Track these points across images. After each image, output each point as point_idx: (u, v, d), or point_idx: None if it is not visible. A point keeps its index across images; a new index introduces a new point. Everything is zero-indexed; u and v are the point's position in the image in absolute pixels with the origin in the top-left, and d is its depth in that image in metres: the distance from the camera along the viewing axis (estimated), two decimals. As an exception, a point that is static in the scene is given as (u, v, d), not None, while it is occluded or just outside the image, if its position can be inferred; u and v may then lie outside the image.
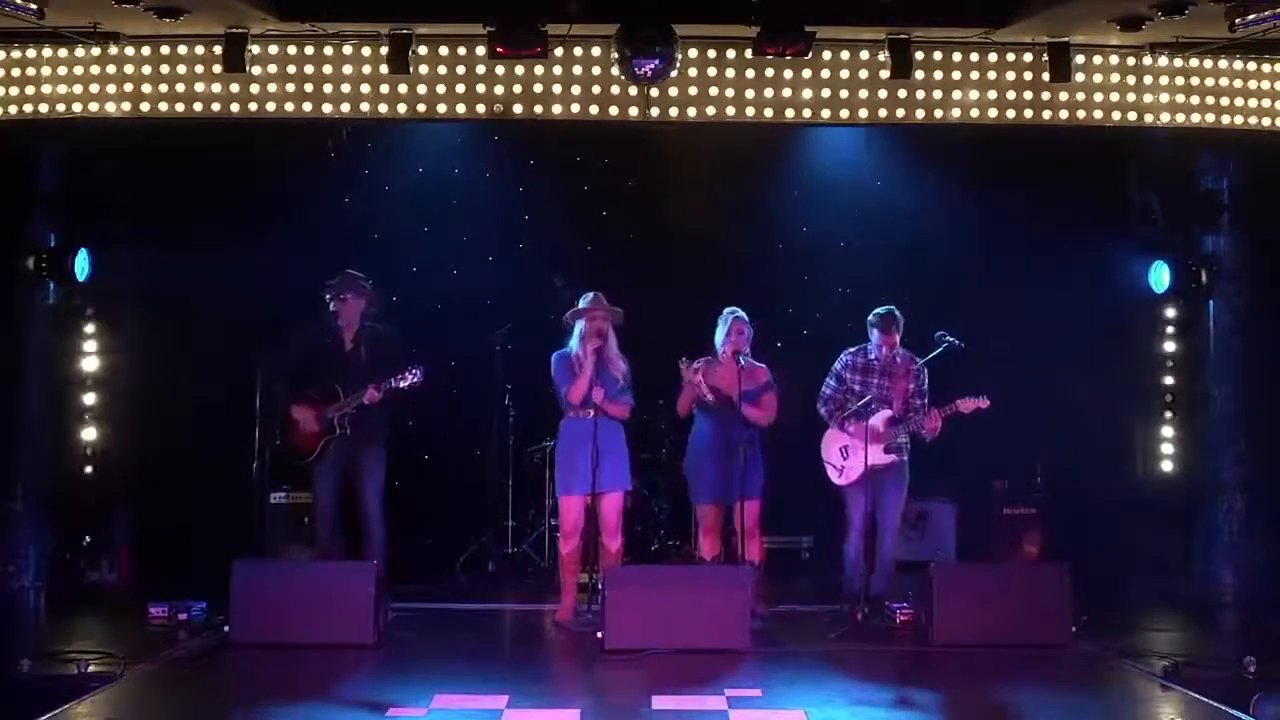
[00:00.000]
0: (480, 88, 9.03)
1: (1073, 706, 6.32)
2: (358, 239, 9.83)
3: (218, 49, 8.82)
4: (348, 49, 8.97)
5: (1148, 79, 9.13)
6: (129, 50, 8.98)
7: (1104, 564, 8.95)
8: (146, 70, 9.00)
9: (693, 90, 9.02)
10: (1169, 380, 10.10)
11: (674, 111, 9.05)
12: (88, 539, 9.65)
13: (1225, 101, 9.20)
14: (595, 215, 10.30)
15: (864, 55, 9.01)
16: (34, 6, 7.83)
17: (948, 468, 9.07)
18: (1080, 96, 9.10)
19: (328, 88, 9.01)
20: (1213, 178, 9.77)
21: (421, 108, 9.05)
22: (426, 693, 6.31)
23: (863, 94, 9.06)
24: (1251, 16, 7.70)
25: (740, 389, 8.05)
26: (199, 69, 8.97)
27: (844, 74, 9.03)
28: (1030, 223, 9.73)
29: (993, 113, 9.10)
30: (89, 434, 9.78)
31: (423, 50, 8.89)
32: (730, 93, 9.02)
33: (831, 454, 8.28)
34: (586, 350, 7.94)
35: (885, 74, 8.94)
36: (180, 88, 9.01)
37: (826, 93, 9.05)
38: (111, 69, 9.02)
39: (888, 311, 8.15)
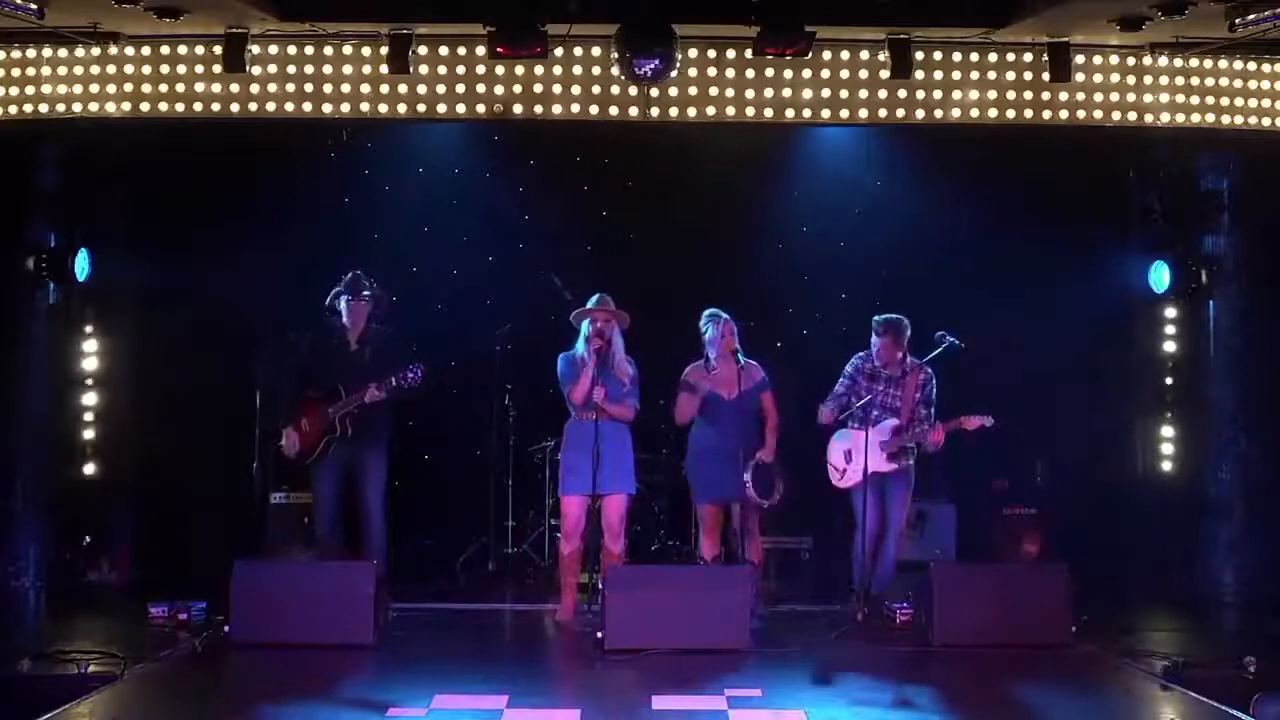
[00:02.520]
0: (480, 88, 9.04)
1: (1073, 706, 6.32)
2: (358, 239, 9.83)
3: (218, 49, 8.83)
4: (348, 49, 8.98)
5: (1148, 79, 9.13)
6: (129, 50, 8.99)
7: (1104, 564, 8.95)
8: (146, 70, 9.01)
9: (693, 90, 9.02)
10: (1169, 380, 10.09)
11: (674, 111, 9.05)
12: (88, 539, 9.65)
13: (1225, 101, 9.20)
14: (595, 215, 10.30)
15: (864, 55, 9.01)
16: (34, 6, 7.83)
17: (948, 468, 9.07)
18: (1080, 96, 9.10)
19: (328, 88, 9.01)
20: (1213, 178, 9.77)
21: (421, 108, 9.05)
22: (426, 693, 6.31)
23: (863, 94, 9.07)
24: (1251, 16, 7.71)
25: (740, 388, 8.05)
26: (199, 69, 8.97)
27: (844, 74, 9.04)
28: (1030, 223, 9.73)
29: (993, 113, 9.10)
30: (89, 434, 9.78)
31: (423, 50, 8.89)
32: (730, 93, 9.02)
33: (835, 457, 8.28)
34: (589, 351, 7.94)
35: (885, 74, 8.94)
36: (180, 88, 9.01)
37: (826, 93, 9.06)
38: (111, 69, 9.02)
39: (887, 319, 8.12)
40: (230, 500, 9.02)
